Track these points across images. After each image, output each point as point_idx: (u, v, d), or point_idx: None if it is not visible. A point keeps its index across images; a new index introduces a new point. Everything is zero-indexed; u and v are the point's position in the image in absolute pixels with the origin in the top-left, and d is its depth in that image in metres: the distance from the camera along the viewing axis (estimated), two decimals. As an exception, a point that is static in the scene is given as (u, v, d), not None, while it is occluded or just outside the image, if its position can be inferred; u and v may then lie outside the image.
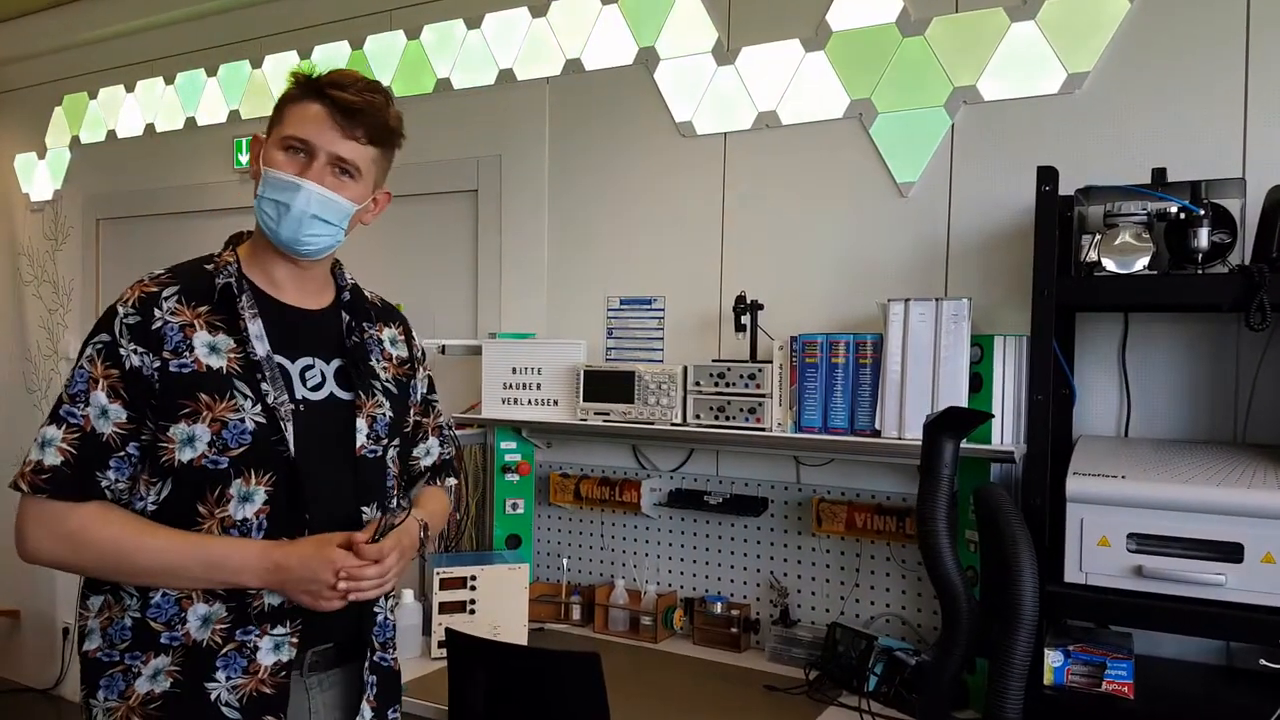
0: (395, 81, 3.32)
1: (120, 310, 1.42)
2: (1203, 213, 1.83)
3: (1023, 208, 2.29)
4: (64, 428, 1.39)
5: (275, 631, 1.44)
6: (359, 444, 1.55)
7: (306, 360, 1.53)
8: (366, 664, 1.55)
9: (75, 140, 4.27)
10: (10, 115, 4.51)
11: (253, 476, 1.43)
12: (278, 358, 1.49)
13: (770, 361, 2.39)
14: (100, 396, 1.39)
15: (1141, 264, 1.88)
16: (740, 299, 2.50)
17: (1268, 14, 2.07)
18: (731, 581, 2.68)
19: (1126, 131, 2.21)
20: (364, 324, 1.64)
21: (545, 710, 1.95)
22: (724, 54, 2.71)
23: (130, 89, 4.06)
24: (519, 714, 1.98)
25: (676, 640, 2.66)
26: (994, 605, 1.88)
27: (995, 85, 2.35)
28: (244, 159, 3.67)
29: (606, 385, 2.61)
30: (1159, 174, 1.98)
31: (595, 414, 2.62)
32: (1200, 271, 1.86)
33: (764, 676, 2.35)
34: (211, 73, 3.81)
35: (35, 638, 4.44)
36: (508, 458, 2.82)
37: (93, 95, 4.20)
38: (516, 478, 2.83)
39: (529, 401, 2.76)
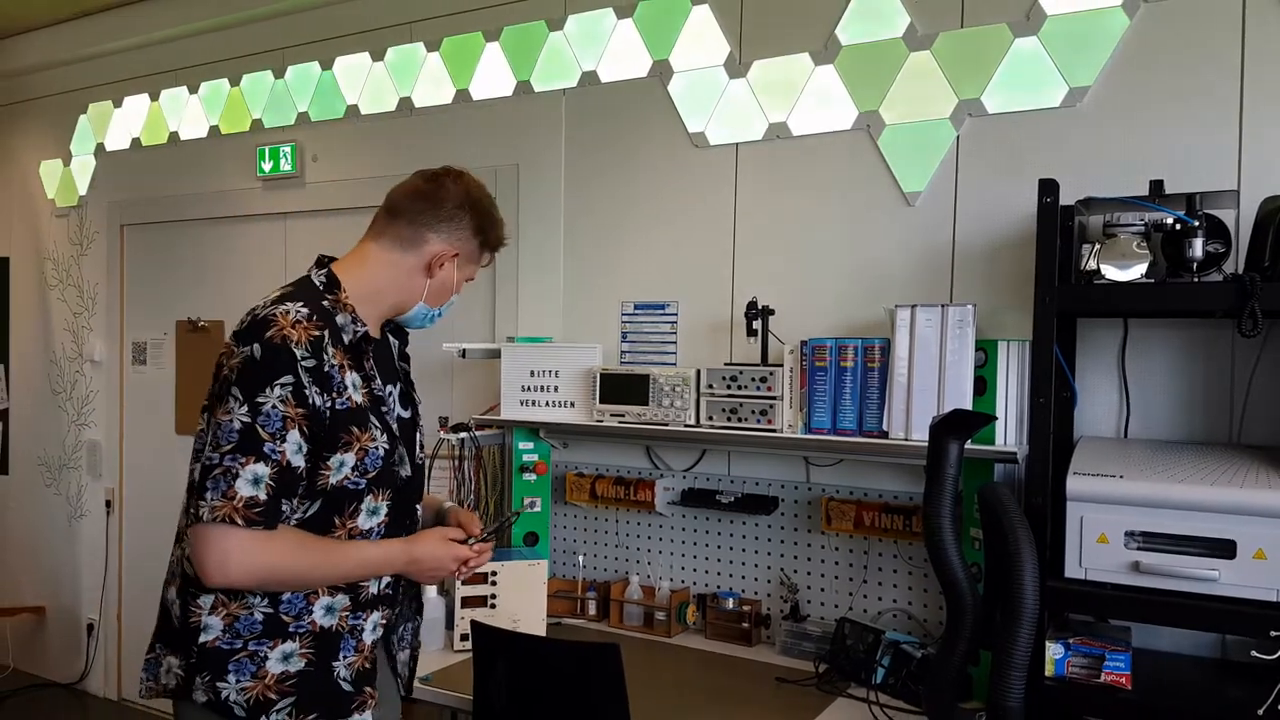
0: (415, 92, 3.41)
1: (298, 353, 1.57)
2: (1197, 224, 1.91)
3: (1025, 216, 2.36)
4: (269, 464, 1.54)
5: (374, 616, 1.72)
6: (418, 455, 1.84)
7: (390, 387, 1.78)
8: (411, 625, 1.90)
9: (100, 147, 4.36)
10: (36, 123, 4.61)
11: (379, 494, 1.69)
12: (387, 387, 1.76)
13: (781, 365, 2.47)
14: (296, 435, 1.56)
15: (1139, 272, 1.96)
16: (752, 304, 2.58)
17: (1262, 31, 2.15)
18: (743, 578, 2.76)
19: (1125, 144, 2.29)
20: (406, 348, 1.90)
21: (566, 700, 2.03)
22: (736, 67, 2.79)
23: (155, 98, 4.16)
24: (541, 703, 2.06)
25: (689, 635, 2.74)
26: (998, 600, 1.96)
27: (999, 99, 2.43)
28: (266, 166, 3.76)
29: (622, 388, 2.69)
30: (1156, 186, 2.06)
31: (611, 415, 2.71)
32: (1196, 280, 1.94)
33: (775, 669, 2.43)
34: (235, 82, 3.90)
35: (60, 633, 4.53)
36: (525, 458, 2.91)
37: (117, 104, 4.29)
38: (534, 477, 2.91)
39: (546, 403, 2.84)
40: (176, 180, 4.09)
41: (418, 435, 1.86)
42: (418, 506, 1.84)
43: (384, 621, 1.74)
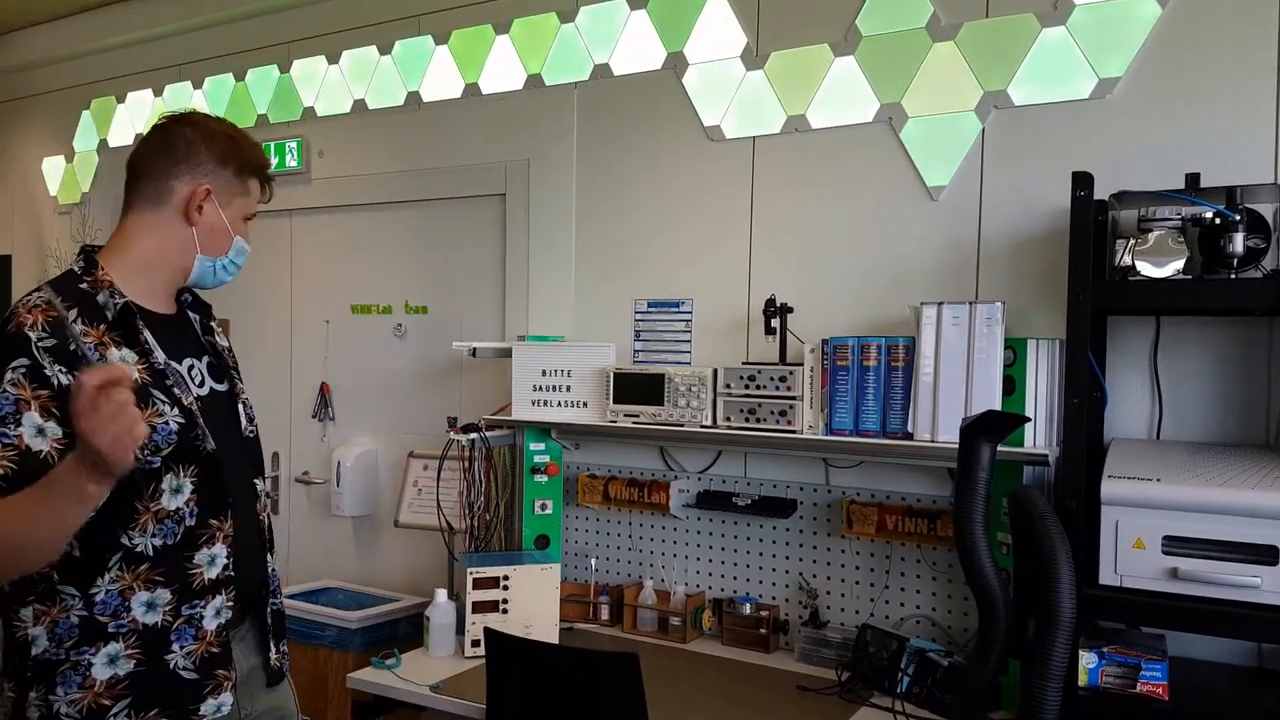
0: (424, 87, 3.35)
1: (33, 335, 1.48)
2: (1238, 218, 1.84)
3: (1054, 211, 2.30)
4: (2, 449, 1.42)
5: (215, 601, 1.62)
6: (244, 427, 1.76)
7: (189, 361, 1.70)
8: (269, 610, 1.76)
9: (103, 144, 4.31)
10: (39, 119, 4.56)
11: (180, 470, 1.58)
12: (172, 363, 1.64)
13: (801, 364, 2.41)
14: (34, 416, 1.45)
15: (1176, 268, 1.90)
16: (770, 302, 2.51)
17: (1300, 19, 2.09)
18: (760, 583, 2.70)
19: (1158, 136, 2.22)
20: (211, 322, 1.82)
21: (583, 710, 1.97)
22: (753, 59, 2.73)
23: (159, 93, 4.10)
24: (556, 713, 2.00)
25: (705, 640, 2.68)
26: (1028, 607, 1.90)
27: (1026, 90, 2.36)
28: (271, 162, 3.69)
29: (636, 387, 2.63)
30: (1193, 179, 1.99)
31: (625, 416, 2.64)
32: (1234, 276, 1.87)
33: (795, 677, 2.37)
34: (240, 77, 3.84)
35: None
36: (536, 459, 2.85)
37: (120, 99, 4.24)
38: (545, 478, 2.85)
39: (558, 403, 2.78)
40: (180, 177, 4.02)
41: (240, 407, 1.76)
42: (256, 481, 1.76)
43: (230, 604, 1.64)
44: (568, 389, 2.77)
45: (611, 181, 2.98)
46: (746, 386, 2.46)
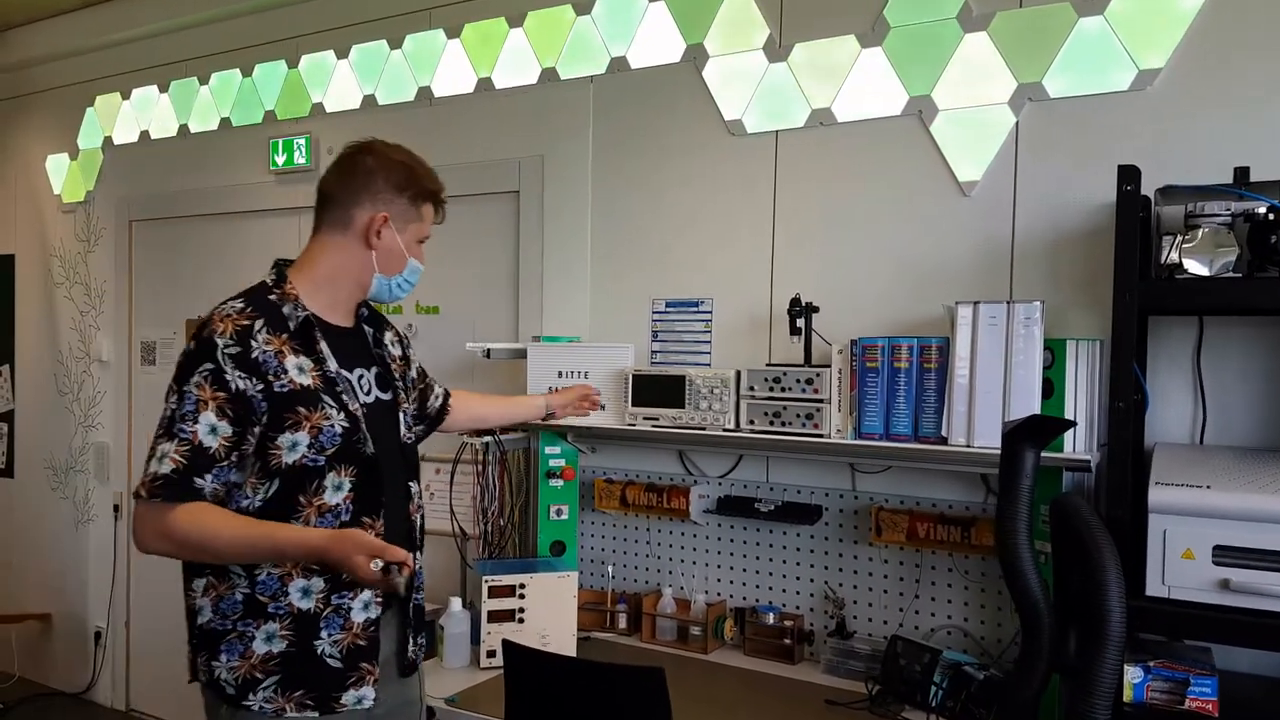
0: (435, 81, 3.27)
1: (220, 342, 1.66)
2: (1293, 212, 1.76)
3: (1092, 207, 2.22)
4: (178, 443, 1.63)
5: (364, 595, 1.73)
6: (402, 434, 1.90)
7: (359, 371, 1.86)
8: (413, 605, 1.87)
9: (108, 141, 4.24)
10: (42, 116, 4.49)
11: (341, 469, 1.72)
12: (343, 372, 1.80)
13: (828, 366, 2.33)
14: (210, 416, 1.63)
15: (1226, 266, 1.81)
16: (796, 301, 2.43)
17: (1352, 6, 2.00)
18: (784, 591, 2.62)
19: (1201, 130, 2.13)
20: (383, 334, 1.97)
21: (605, 725, 1.89)
22: (776, 51, 2.65)
23: (164, 89, 4.03)
24: (578, 729, 1.92)
25: (726, 651, 2.60)
26: (1070, 619, 1.82)
27: (1062, 82, 2.28)
28: (279, 160, 3.62)
29: (656, 390, 2.55)
30: (1241, 173, 1.92)
31: (644, 419, 2.57)
32: (1288, 274, 1.79)
33: (822, 690, 2.29)
34: (247, 73, 3.77)
35: (67, 642, 4.41)
36: (552, 463, 2.77)
37: (125, 96, 4.16)
38: (561, 483, 2.77)
39: (575, 406, 2.70)
40: (186, 175, 3.97)
41: (401, 415, 1.90)
42: (410, 484, 1.89)
43: (379, 599, 1.75)
44: (584, 391, 2.69)
45: (628, 178, 2.90)
46: (771, 389, 2.38)
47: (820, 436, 2.31)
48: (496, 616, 2.42)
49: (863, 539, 2.49)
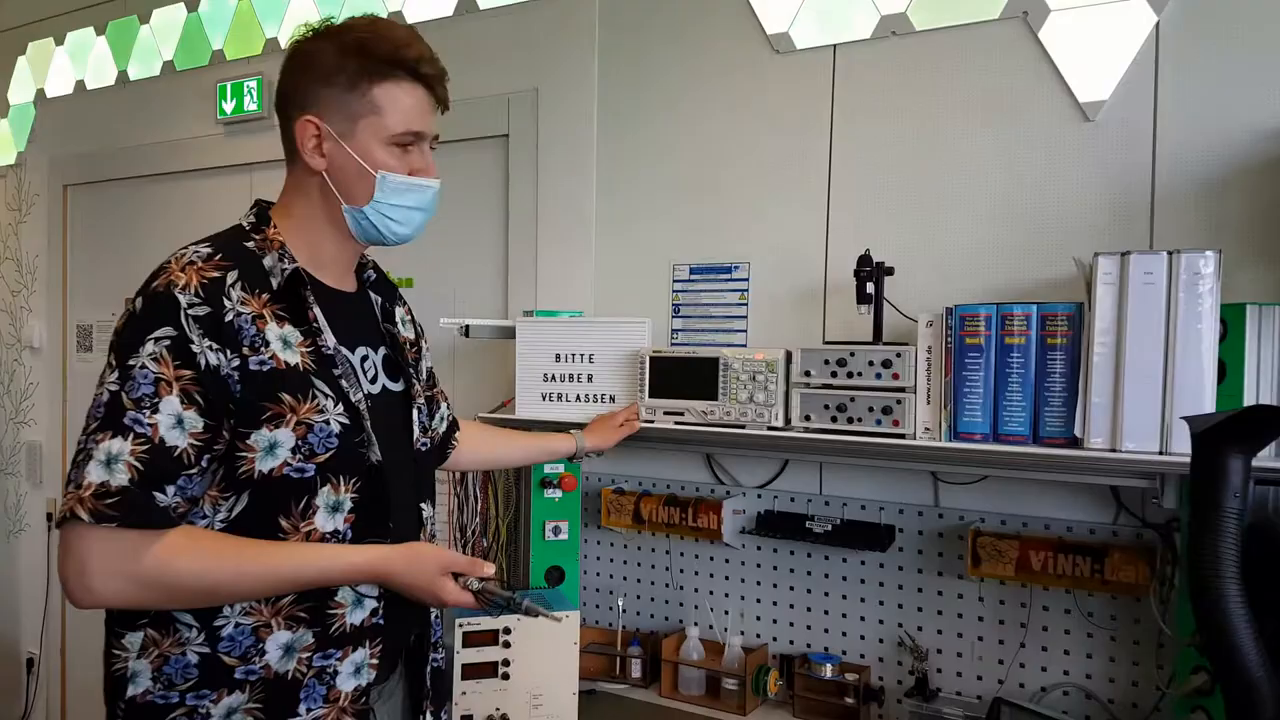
0: (407, 5, 2.73)
1: (182, 300, 1.21)
2: None
3: (1265, 131, 1.66)
4: (131, 439, 1.17)
5: (355, 655, 1.32)
6: (416, 437, 1.46)
7: (362, 351, 1.42)
8: (429, 669, 1.49)
9: (40, 94, 3.69)
10: (-31, 68, 3.95)
11: (340, 484, 1.31)
12: (342, 349, 1.36)
13: (910, 344, 1.77)
14: (174, 402, 1.19)
15: None
16: (865, 260, 1.87)
17: None
18: (844, 635, 2.06)
19: None
20: (394, 307, 1.53)
21: None
22: (832, -56, 2.08)
23: (101, 30, 3.48)
24: None
25: (770, 710, 2.05)
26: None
27: (1226, -37, 1.71)
28: (228, 107, 3.08)
29: (681, 376, 1.99)
30: None
31: (665, 413, 2.01)
32: None
33: (903, 773, 1.73)
34: (191, 7, 3.23)
35: (-5, 669, 3.88)
36: (548, 470, 2.20)
37: (59, 41, 3.62)
38: (559, 494, 2.20)
39: (576, 397, 2.15)
40: (125, 129, 3.43)
41: (415, 413, 1.46)
42: (422, 506, 1.45)
43: (374, 661, 1.33)
44: (589, 378, 2.14)
45: (643, 113, 2.34)
46: (834, 374, 1.82)
47: (901, 437, 1.74)
48: (474, 671, 1.86)
49: (951, 570, 1.93)
